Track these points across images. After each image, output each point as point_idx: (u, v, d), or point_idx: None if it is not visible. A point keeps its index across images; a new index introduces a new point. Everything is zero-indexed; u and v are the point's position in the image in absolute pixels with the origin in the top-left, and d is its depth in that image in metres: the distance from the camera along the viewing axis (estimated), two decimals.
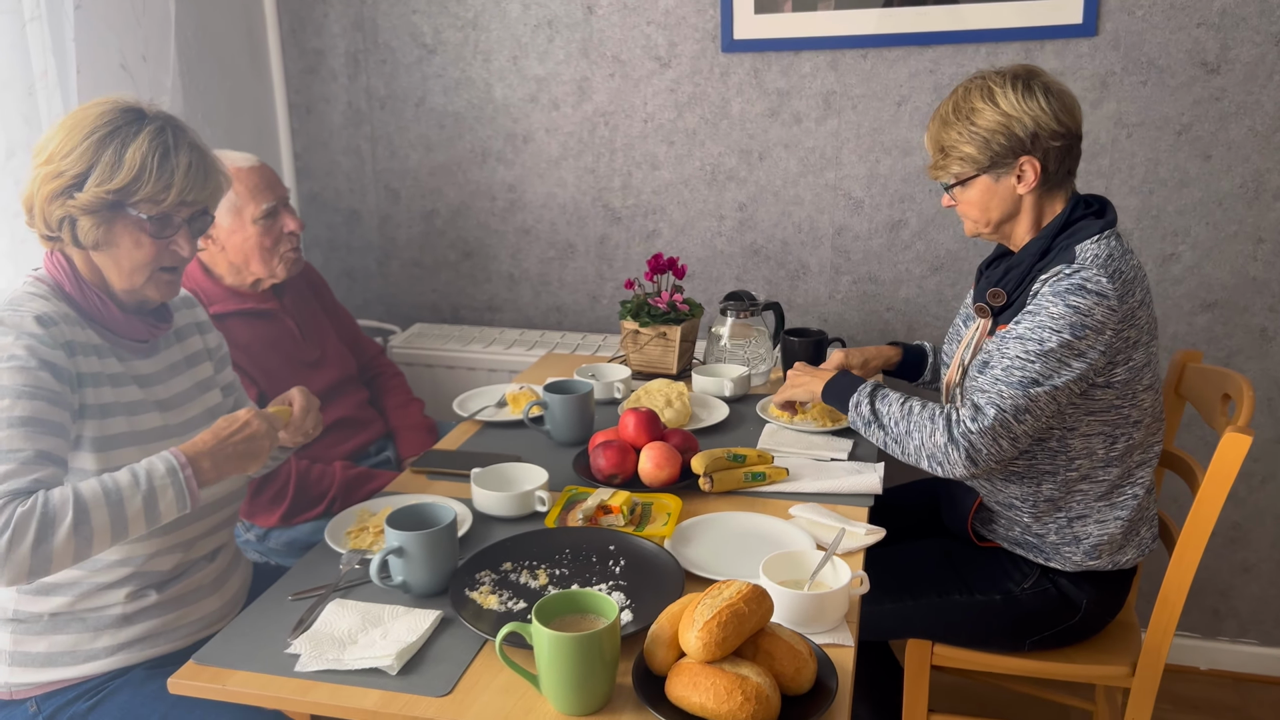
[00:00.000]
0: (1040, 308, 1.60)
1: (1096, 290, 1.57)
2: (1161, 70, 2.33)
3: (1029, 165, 1.65)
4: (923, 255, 2.58)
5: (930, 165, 1.76)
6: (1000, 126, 1.63)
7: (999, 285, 1.72)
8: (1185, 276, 2.44)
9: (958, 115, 1.68)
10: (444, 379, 2.68)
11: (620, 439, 1.75)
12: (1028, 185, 1.66)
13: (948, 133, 1.69)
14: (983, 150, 1.66)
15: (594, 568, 1.45)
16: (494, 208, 2.82)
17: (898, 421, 1.67)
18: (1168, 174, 2.39)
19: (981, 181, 1.69)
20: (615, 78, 2.64)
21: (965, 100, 1.67)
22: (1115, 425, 1.67)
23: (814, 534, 1.55)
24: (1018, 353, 1.60)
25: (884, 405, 1.70)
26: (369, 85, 2.80)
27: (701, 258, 2.72)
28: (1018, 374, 1.59)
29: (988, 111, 1.64)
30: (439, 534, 1.38)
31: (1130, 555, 1.76)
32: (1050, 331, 1.57)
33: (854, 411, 1.74)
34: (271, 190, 2.07)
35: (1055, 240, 1.67)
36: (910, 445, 1.65)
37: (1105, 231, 1.64)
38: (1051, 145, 1.64)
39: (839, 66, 2.50)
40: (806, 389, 1.88)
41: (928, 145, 1.76)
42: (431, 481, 1.79)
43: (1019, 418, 1.58)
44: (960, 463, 1.60)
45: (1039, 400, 1.58)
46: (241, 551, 1.80)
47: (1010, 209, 1.70)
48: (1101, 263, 1.59)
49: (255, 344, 2.09)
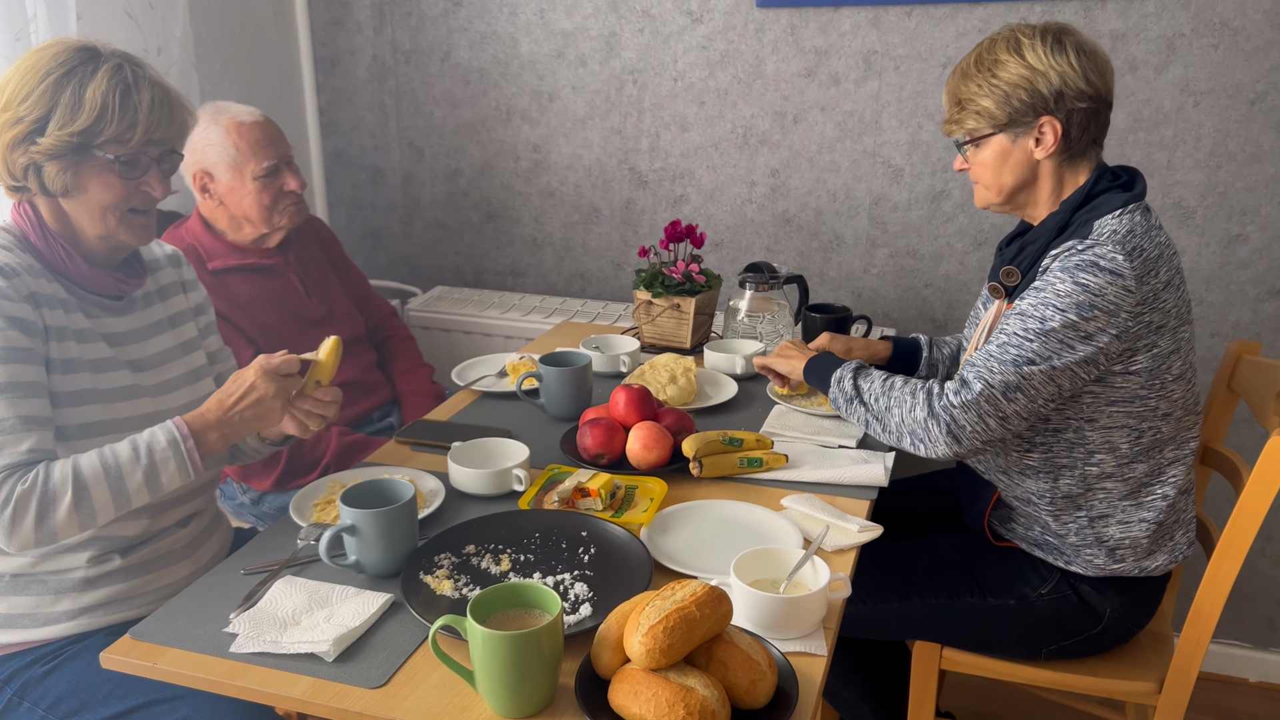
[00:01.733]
0: (1046, 284, 1.46)
1: (1110, 268, 1.42)
2: (1235, 32, 2.12)
3: (1049, 126, 1.50)
4: (965, 229, 2.41)
5: (944, 120, 1.61)
6: (1023, 80, 1.49)
7: (1013, 263, 1.58)
8: (1252, 260, 2.24)
9: (979, 67, 1.53)
10: (460, 344, 2.61)
11: (610, 417, 1.65)
12: (1046, 149, 1.52)
13: (966, 85, 1.55)
14: (1001, 105, 1.51)
15: (561, 554, 1.36)
16: (518, 168, 2.73)
17: (878, 398, 1.57)
18: (1238, 147, 2.18)
19: (997, 141, 1.55)
20: (645, 33, 2.51)
21: (989, 52, 1.53)
22: (1141, 418, 1.53)
23: (803, 528, 1.44)
24: (1016, 329, 1.47)
25: (866, 382, 1.61)
26: (394, 38, 2.72)
27: (730, 225, 2.59)
28: (1012, 351, 1.46)
29: (1012, 64, 1.50)
30: (394, 513, 1.30)
31: (1161, 561, 1.62)
32: (1054, 310, 1.43)
33: (836, 388, 1.65)
34: (274, 147, 2.01)
35: (1075, 215, 1.52)
36: (891, 422, 1.55)
37: (1130, 205, 1.49)
38: (1077, 106, 1.49)
39: (881, 24, 2.33)
40: (789, 362, 1.80)
41: (945, 100, 1.61)
42: (415, 453, 1.72)
43: (1009, 395, 1.46)
44: (942, 439, 1.48)
45: (1032, 379, 1.45)
46: (223, 516, 1.75)
47: (1025, 175, 1.56)
48: (1120, 239, 1.44)
49: (257, 301, 2.04)
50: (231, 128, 1.96)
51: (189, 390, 1.58)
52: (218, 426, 1.39)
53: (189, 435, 1.37)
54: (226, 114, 1.98)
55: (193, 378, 1.59)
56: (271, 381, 1.41)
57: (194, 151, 1.96)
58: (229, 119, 1.97)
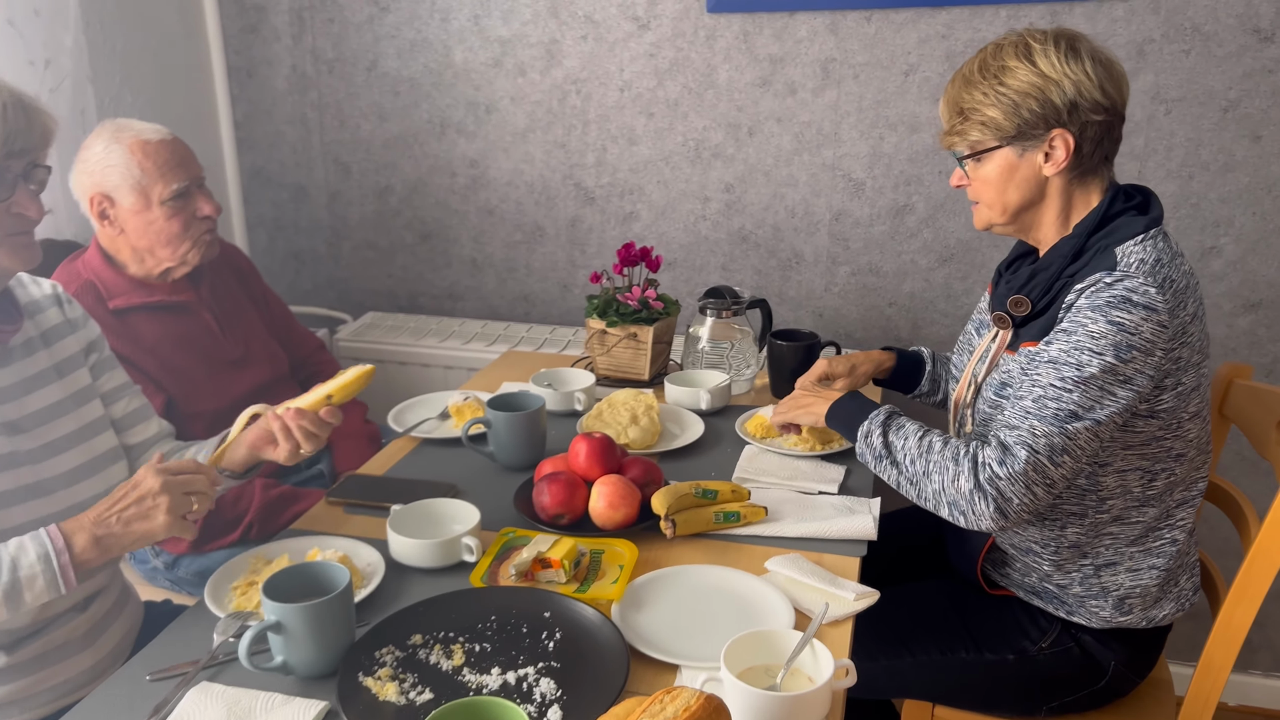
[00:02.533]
0: (1077, 325, 1.32)
1: (1145, 303, 1.29)
2: (1207, 37, 2.03)
3: (1061, 140, 1.37)
4: (930, 244, 2.29)
5: (943, 132, 1.46)
6: (1035, 89, 1.35)
7: (1022, 291, 1.44)
8: (1226, 273, 2.16)
9: (984, 74, 1.39)
10: (396, 376, 2.42)
11: (569, 470, 1.48)
12: (1056, 165, 1.38)
13: (970, 93, 1.41)
14: (1010, 115, 1.38)
15: (523, 642, 1.19)
16: (454, 185, 2.54)
17: (914, 460, 1.40)
18: (1210, 156, 2.10)
19: (1002, 155, 1.41)
20: (588, 40, 2.35)
21: (996, 58, 1.39)
22: (1155, 460, 1.41)
23: (791, 595, 1.29)
24: (1051, 380, 1.32)
25: (899, 438, 1.43)
26: (315, 47, 2.51)
27: (684, 244, 2.44)
28: (1052, 406, 1.31)
29: (1022, 71, 1.36)
30: (326, 606, 1.12)
31: (1168, 610, 1.50)
32: (1090, 354, 1.30)
33: (863, 442, 1.47)
34: (184, 168, 1.80)
35: (1091, 239, 1.39)
36: (928, 489, 1.38)
37: (1151, 230, 1.37)
38: (1091, 119, 1.36)
39: (839, 30, 2.20)
40: (809, 411, 1.60)
41: (943, 110, 1.47)
42: (348, 516, 1.53)
43: (1055, 459, 1.31)
44: (988, 515, 1.33)
45: (1078, 438, 1.31)
46: (131, 591, 1.54)
47: (1032, 194, 1.42)
48: (1149, 269, 1.31)
49: (165, 342, 1.82)
50: (136, 146, 1.75)
51: (81, 450, 1.36)
52: (92, 531, 1.20)
53: (64, 548, 1.18)
54: (129, 132, 1.77)
55: (86, 434, 1.38)
56: (158, 477, 1.21)
57: (92, 174, 1.75)
58: (132, 137, 1.76)
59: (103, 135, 1.74)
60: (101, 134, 1.74)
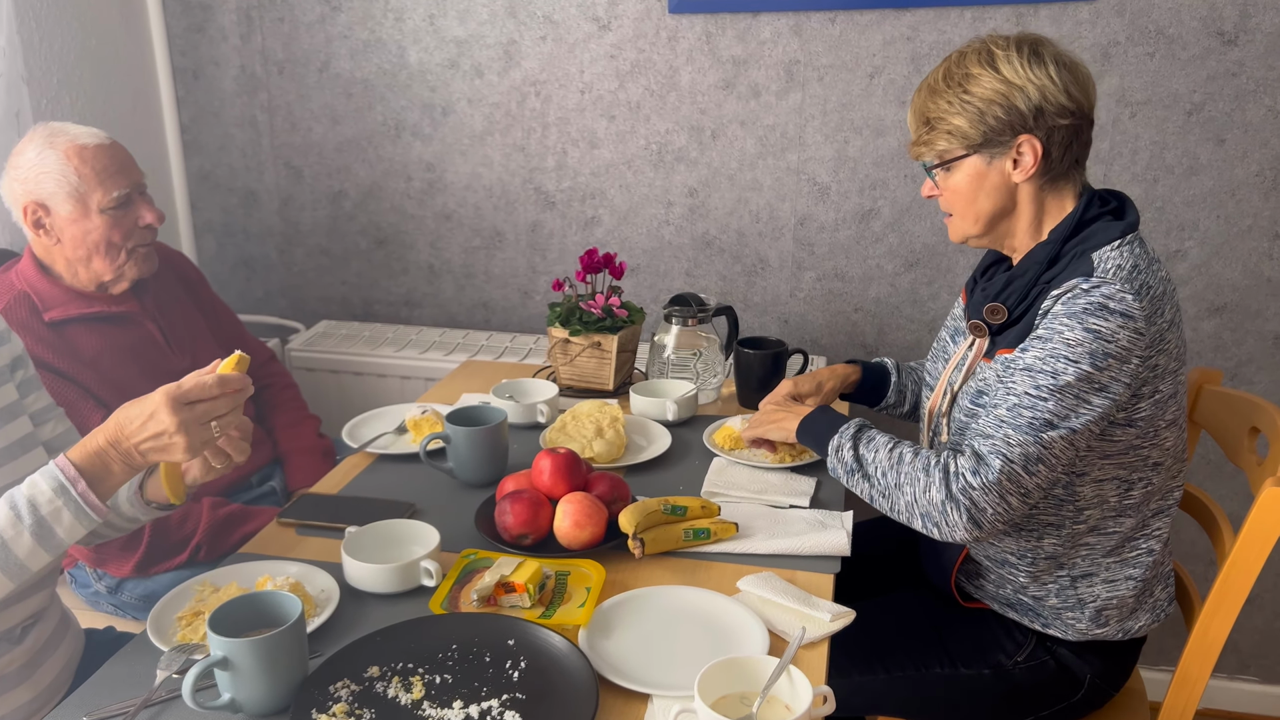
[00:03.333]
0: (1053, 332, 1.29)
1: (1122, 310, 1.27)
2: (1171, 40, 2.02)
3: (1028, 146, 1.34)
4: (896, 249, 2.27)
5: (911, 142, 1.44)
6: (999, 96, 1.33)
7: (998, 299, 1.42)
8: (1192, 276, 2.15)
9: (949, 82, 1.37)
10: (351, 387, 2.35)
11: (533, 488, 1.43)
12: (1025, 171, 1.36)
13: (936, 102, 1.38)
14: (975, 123, 1.35)
15: (485, 672, 1.13)
16: (410, 189, 2.47)
17: (885, 472, 1.37)
18: (1175, 160, 2.09)
19: (971, 164, 1.39)
20: (547, 41, 2.29)
21: (960, 65, 1.37)
22: (1132, 469, 1.39)
23: (765, 616, 1.25)
24: (1026, 388, 1.29)
25: (869, 451, 1.40)
26: (265, 47, 2.43)
27: (647, 249, 2.39)
28: (1026, 415, 1.28)
29: (986, 78, 1.34)
30: (276, 640, 1.05)
31: (1143, 621, 1.48)
32: (1066, 361, 1.27)
33: (834, 457, 1.44)
34: (125, 174, 1.72)
35: (1066, 245, 1.37)
36: (900, 501, 1.35)
37: (1127, 235, 1.34)
38: (1057, 124, 1.34)
39: (803, 32, 2.17)
40: (780, 426, 1.58)
41: (910, 120, 1.44)
42: (301, 538, 1.46)
43: (1030, 468, 1.28)
44: (961, 525, 1.30)
45: (1054, 447, 1.28)
46: (70, 619, 1.46)
47: (1004, 202, 1.40)
48: (1126, 275, 1.29)
49: (105, 355, 1.74)
50: (72, 152, 1.66)
51: (9, 469, 1.28)
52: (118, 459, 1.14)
53: (77, 477, 1.12)
54: (65, 136, 1.68)
55: (16, 451, 1.30)
56: (173, 414, 1.12)
57: (25, 181, 1.66)
58: (68, 142, 1.67)
59: (35, 140, 1.65)
60: (34, 139, 1.65)
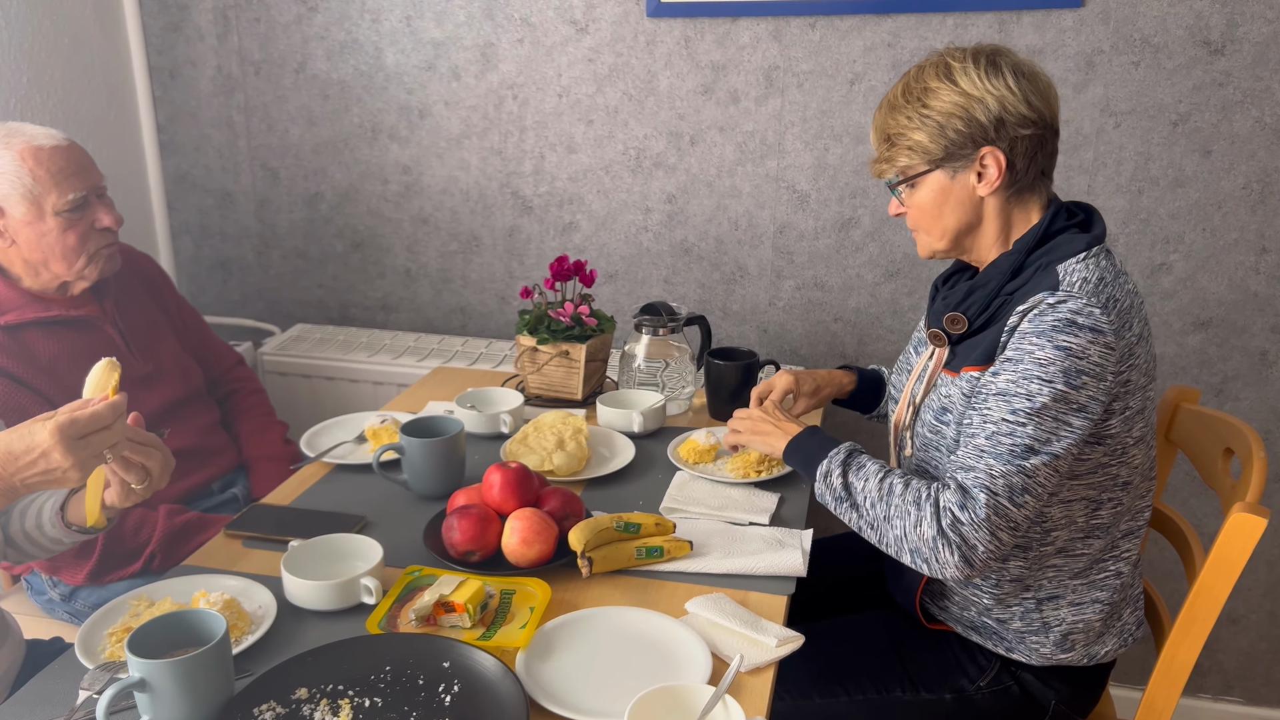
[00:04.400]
0: (1023, 353, 1.26)
1: (1090, 325, 1.23)
2: (1157, 49, 1.98)
3: (991, 158, 1.31)
4: (876, 259, 2.23)
5: (874, 159, 1.41)
6: (958, 109, 1.30)
7: (959, 309, 1.38)
8: (1176, 290, 2.11)
9: (908, 98, 1.34)
10: (323, 393, 2.32)
11: (482, 503, 1.40)
12: (990, 184, 1.32)
13: (895, 118, 1.35)
14: (936, 138, 1.32)
15: (417, 696, 1.10)
16: (387, 192, 2.44)
17: (875, 503, 1.33)
18: (1160, 171, 2.05)
19: (934, 179, 1.35)
20: (524, 44, 2.26)
21: (917, 80, 1.34)
22: (1101, 489, 1.35)
23: (711, 640, 1.21)
24: (1003, 414, 1.26)
25: (859, 479, 1.35)
26: (241, 47, 2.40)
27: (625, 256, 2.36)
28: (1006, 442, 1.25)
29: (944, 91, 1.30)
30: (198, 660, 1.02)
31: (1110, 646, 1.44)
32: (1040, 382, 1.24)
33: (823, 483, 1.39)
34: (81, 176, 1.69)
35: (1030, 256, 1.34)
36: (890, 534, 1.31)
37: (1093, 249, 1.31)
38: (1020, 134, 1.30)
39: (783, 37, 2.13)
40: (767, 442, 1.53)
41: (873, 138, 1.42)
42: (247, 550, 1.43)
43: (1016, 500, 1.24)
44: (953, 563, 1.25)
45: (1038, 474, 1.24)
46: (12, 627, 1.43)
47: (970, 216, 1.36)
48: (1092, 288, 1.26)
49: (62, 360, 1.71)
50: (27, 153, 1.64)
51: None
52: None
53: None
54: (20, 137, 1.65)
55: None
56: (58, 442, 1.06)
57: None
58: (23, 143, 1.65)
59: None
60: None
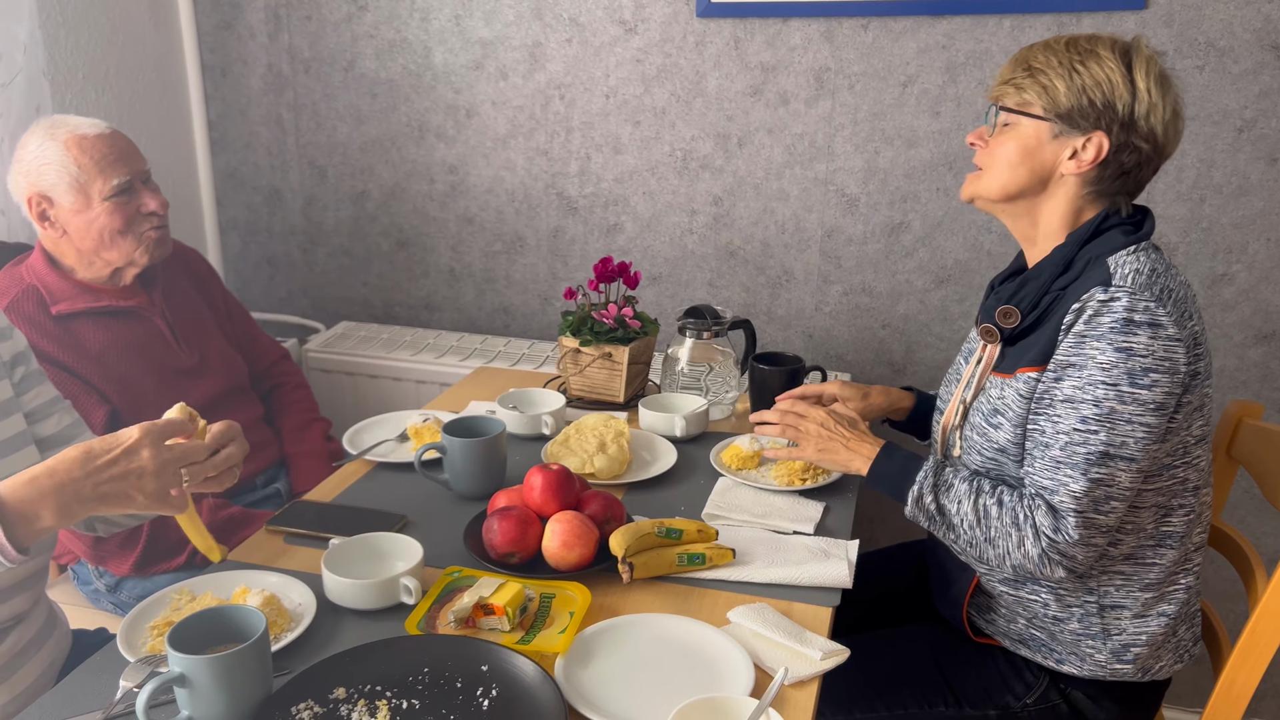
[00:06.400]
0: (1085, 358, 1.23)
1: (1148, 321, 1.20)
2: (1222, 53, 1.92)
3: (1096, 143, 1.28)
4: (926, 265, 2.19)
5: (998, 80, 1.36)
6: (1108, 85, 1.27)
7: (1011, 302, 1.34)
8: (1238, 301, 2.05)
9: (1071, 49, 1.30)
10: (366, 390, 2.32)
11: (523, 505, 1.38)
12: (1079, 165, 1.30)
13: (1048, 56, 1.31)
14: (1071, 94, 1.28)
15: (455, 700, 1.08)
16: (433, 191, 2.44)
17: (973, 526, 1.32)
18: (1224, 179, 1.99)
19: (1038, 128, 1.31)
20: (573, 44, 2.25)
21: (1090, 42, 1.30)
22: (1170, 494, 1.32)
23: (754, 651, 1.18)
24: (1074, 423, 1.24)
25: (951, 502, 1.34)
26: (292, 45, 2.42)
27: (669, 258, 2.34)
28: (1080, 452, 1.23)
29: (1110, 64, 1.27)
30: (236, 658, 1.02)
31: (1165, 662, 1.40)
32: (1105, 387, 1.21)
33: (914, 507, 1.36)
34: (125, 162, 1.70)
35: (1081, 250, 1.31)
36: (990, 553, 1.31)
37: (1142, 242, 1.29)
38: (1136, 143, 1.28)
39: (835, 38, 2.10)
40: (838, 461, 1.46)
41: (1006, 65, 1.36)
42: (288, 546, 1.43)
43: (1102, 509, 1.25)
44: (1060, 575, 1.30)
45: (1118, 480, 1.24)
46: (59, 618, 1.44)
47: (1036, 183, 1.33)
48: (1145, 280, 1.23)
49: (111, 350, 1.73)
50: (72, 142, 1.66)
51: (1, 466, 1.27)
52: (58, 494, 1.04)
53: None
54: (64, 128, 1.67)
55: (4, 449, 1.28)
56: (154, 453, 1.06)
57: (28, 174, 1.66)
58: (68, 133, 1.66)
59: (37, 133, 1.65)
60: (36, 131, 1.65)
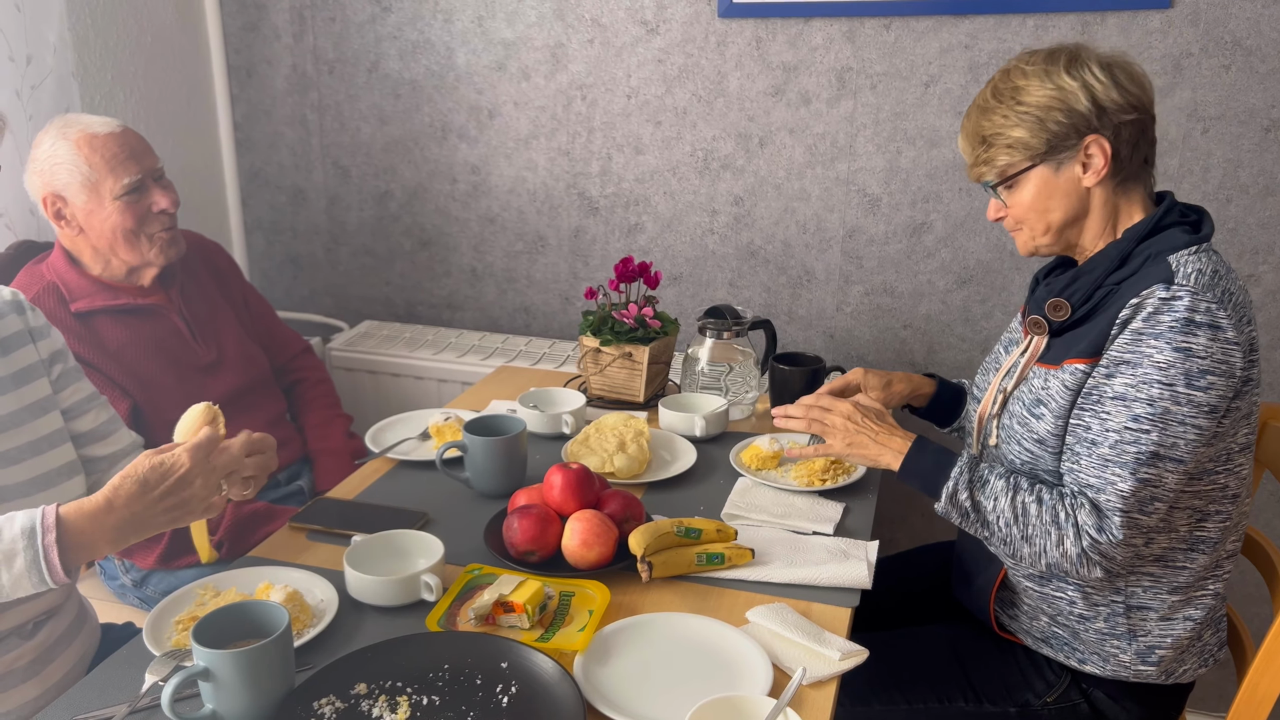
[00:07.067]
0: (1141, 356, 1.22)
1: (1209, 322, 1.19)
2: (1249, 52, 1.91)
3: (1097, 146, 1.28)
4: (948, 265, 2.18)
5: (969, 165, 1.37)
6: (1055, 101, 1.27)
7: (1062, 295, 1.34)
8: (1265, 303, 2.03)
9: (999, 98, 1.31)
10: (388, 389, 2.34)
11: (542, 504, 1.39)
12: (1097, 173, 1.29)
13: (990, 119, 1.32)
14: (1036, 131, 1.29)
15: (475, 696, 1.09)
16: (455, 191, 2.46)
17: (1009, 524, 1.30)
18: (1250, 179, 1.97)
19: (1038, 174, 1.32)
20: (594, 44, 2.26)
21: (1005, 81, 1.31)
22: (1209, 499, 1.31)
23: (773, 651, 1.19)
24: (1125, 421, 1.22)
25: (987, 499, 1.32)
26: (316, 46, 2.44)
27: (690, 258, 2.34)
28: (1130, 451, 1.22)
29: (1035, 87, 1.28)
30: (260, 652, 1.03)
31: (1190, 666, 1.39)
32: (1160, 386, 1.20)
33: (948, 503, 1.35)
34: (136, 161, 1.71)
35: (1140, 246, 1.30)
36: (1025, 550, 1.30)
37: (1203, 245, 1.28)
38: (1122, 120, 1.27)
39: (856, 38, 2.10)
40: (867, 455, 1.42)
41: (963, 145, 1.38)
42: (311, 543, 1.44)
43: (1146, 509, 1.24)
44: (1097, 575, 1.29)
45: (1165, 483, 1.23)
46: (89, 613, 1.47)
47: (1075, 208, 1.33)
48: (1208, 281, 1.22)
49: (130, 347, 1.75)
50: (83, 141, 1.67)
51: (33, 463, 1.28)
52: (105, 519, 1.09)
53: (52, 526, 1.06)
54: (76, 127, 1.69)
55: (42, 446, 1.31)
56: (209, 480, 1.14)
57: (42, 173, 1.68)
58: (79, 132, 1.68)
59: (50, 132, 1.67)
60: (49, 131, 1.67)
